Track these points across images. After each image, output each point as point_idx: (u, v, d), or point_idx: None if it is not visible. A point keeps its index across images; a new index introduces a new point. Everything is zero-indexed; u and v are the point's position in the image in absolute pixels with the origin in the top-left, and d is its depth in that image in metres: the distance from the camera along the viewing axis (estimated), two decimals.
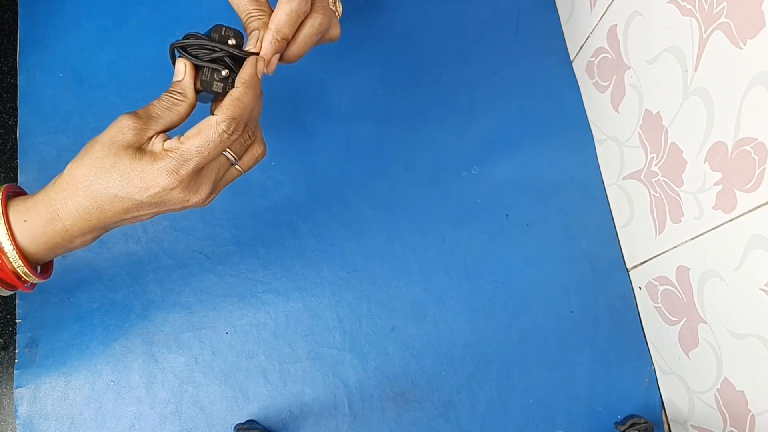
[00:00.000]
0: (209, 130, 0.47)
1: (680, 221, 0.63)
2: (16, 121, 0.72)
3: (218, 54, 0.50)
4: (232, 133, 0.47)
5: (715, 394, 0.62)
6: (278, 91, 0.75)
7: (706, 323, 0.61)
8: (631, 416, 0.68)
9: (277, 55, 0.52)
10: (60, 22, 0.75)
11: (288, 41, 0.52)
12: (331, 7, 0.54)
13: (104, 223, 0.49)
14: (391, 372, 0.69)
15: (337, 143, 0.75)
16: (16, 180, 0.70)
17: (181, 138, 0.47)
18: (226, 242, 0.71)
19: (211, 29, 0.51)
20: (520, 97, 0.79)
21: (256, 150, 0.52)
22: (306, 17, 0.52)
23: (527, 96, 0.79)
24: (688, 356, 0.65)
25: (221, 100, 0.49)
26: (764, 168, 0.50)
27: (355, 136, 0.76)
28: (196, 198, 0.49)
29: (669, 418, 0.71)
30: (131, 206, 0.47)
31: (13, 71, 0.74)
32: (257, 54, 0.50)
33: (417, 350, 0.70)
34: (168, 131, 0.49)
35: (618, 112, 0.72)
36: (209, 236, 0.71)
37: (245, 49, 0.50)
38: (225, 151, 0.49)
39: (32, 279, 0.50)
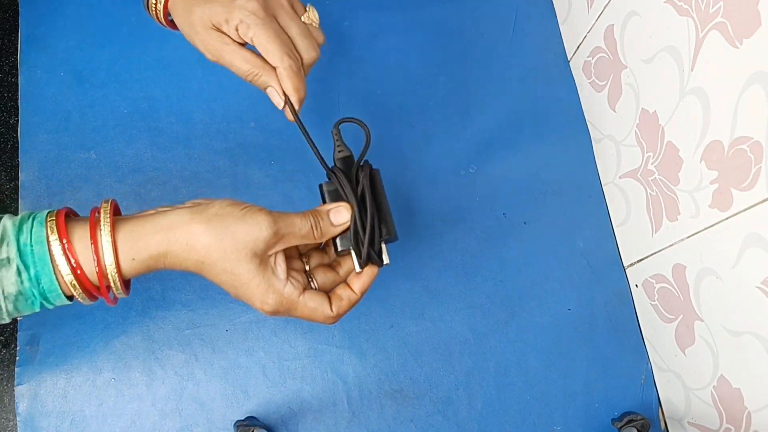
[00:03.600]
0: (319, 315, 0.51)
1: (677, 220, 0.63)
2: (18, 120, 0.73)
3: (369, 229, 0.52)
4: (329, 323, 0.52)
5: (712, 392, 0.62)
6: None
7: (702, 321, 0.62)
8: (628, 413, 0.68)
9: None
10: (61, 21, 0.75)
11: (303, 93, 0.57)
12: (305, 21, 0.56)
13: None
14: (389, 369, 0.69)
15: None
16: (17, 179, 0.71)
17: (301, 299, 0.49)
18: None
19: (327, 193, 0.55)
20: (517, 97, 0.79)
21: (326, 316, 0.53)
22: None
23: (525, 95, 0.80)
24: (684, 353, 0.66)
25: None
26: (760, 167, 0.50)
27: (354, 136, 0.76)
28: (268, 311, 0.50)
29: (666, 415, 0.71)
30: (222, 284, 0.48)
31: (14, 70, 0.74)
32: (381, 264, 0.55)
33: (415, 348, 0.70)
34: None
35: (615, 111, 0.72)
36: None
37: (310, 141, 0.57)
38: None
39: (121, 295, 0.49)
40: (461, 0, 0.82)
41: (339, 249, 0.53)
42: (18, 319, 0.67)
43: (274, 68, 0.54)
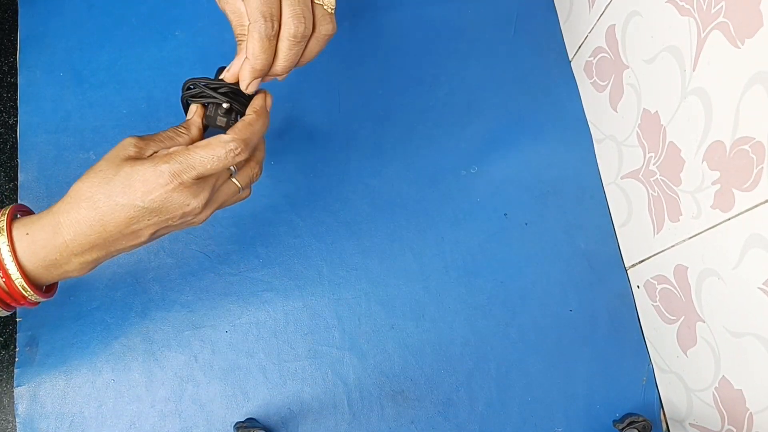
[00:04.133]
0: (218, 146, 0.48)
1: (678, 220, 0.63)
2: (17, 121, 0.72)
3: (222, 90, 0.52)
4: (239, 153, 0.49)
5: (713, 393, 0.62)
6: (278, 90, 0.75)
7: (704, 322, 0.62)
8: (630, 414, 0.68)
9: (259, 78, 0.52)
10: (60, 21, 0.75)
11: (268, 69, 0.51)
12: (318, 2, 0.51)
13: (104, 238, 0.49)
14: (390, 370, 0.69)
15: (337, 142, 0.75)
16: (16, 179, 0.70)
17: (189, 147, 0.49)
18: (225, 241, 0.71)
19: (216, 71, 0.53)
20: (518, 97, 0.79)
21: (253, 169, 0.54)
22: (313, 29, 0.51)
23: (526, 95, 0.80)
24: (686, 355, 0.66)
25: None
26: (762, 167, 0.50)
27: (354, 136, 0.76)
28: (195, 202, 0.49)
29: (667, 416, 0.71)
30: (132, 215, 0.48)
31: (13, 70, 0.74)
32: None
33: (416, 349, 0.70)
34: None
35: (616, 111, 0.72)
36: (209, 235, 0.71)
37: (227, 72, 0.52)
38: (232, 175, 0.51)
39: (31, 295, 0.50)
40: (462, 0, 0.82)
41: (217, 123, 0.53)
42: (17, 320, 0.67)
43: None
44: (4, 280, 0.48)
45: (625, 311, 0.73)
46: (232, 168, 0.52)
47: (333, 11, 0.53)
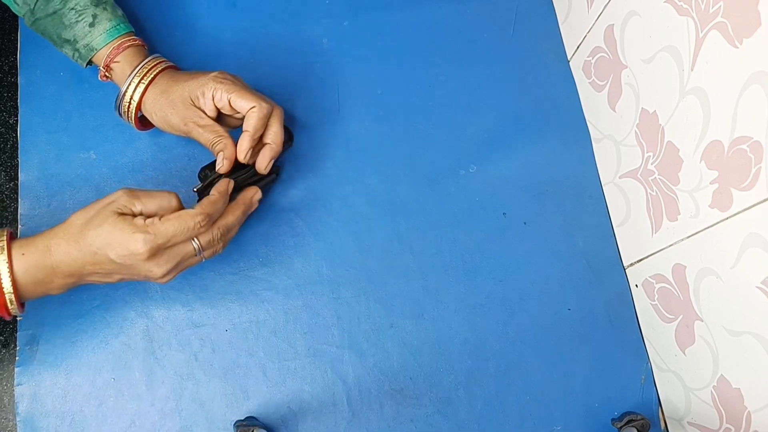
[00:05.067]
0: (186, 218, 0.56)
1: (676, 219, 0.63)
2: (17, 120, 0.73)
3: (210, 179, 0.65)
4: (203, 225, 0.57)
5: (712, 392, 0.62)
6: (278, 90, 0.75)
7: (702, 321, 0.62)
8: (628, 413, 0.68)
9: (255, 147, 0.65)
10: None
11: (259, 138, 0.65)
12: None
13: (81, 272, 0.56)
14: (389, 369, 0.69)
15: (336, 142, 0.76)
16: (17, 178, 0.71)
17: (162, 218, 0.56)
18: None
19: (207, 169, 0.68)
20: (517, 96, 0.80)
21: (213, 233, 0.60)
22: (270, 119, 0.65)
23: (525, 95, 0.80)
24: (684, 353, 0.66)
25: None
26: (760, 167, 0.51)
27: (353, 135, 0.76)
28: (157, 271, 0.56)
29: (665, 415, 0.71)
30: (104, 263, 0.55)
31: (14, 70, 0.74)
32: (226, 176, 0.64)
33: (415, 347, 0.70)
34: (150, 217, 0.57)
35: (615, 111, 0.72)
36: None
37: (217, 170, 0.64)
38: (193, 240, 0.57)
39: (14, 309, 0.56)
40: (461, 0, 0.82)
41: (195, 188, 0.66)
42: (18, 319, 0.67)
43: (230, 137, 0.64)
44: None
45: (623, 310, 0.73)
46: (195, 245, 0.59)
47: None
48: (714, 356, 0.61)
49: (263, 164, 0.66)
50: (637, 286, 0.73)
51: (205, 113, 0.64)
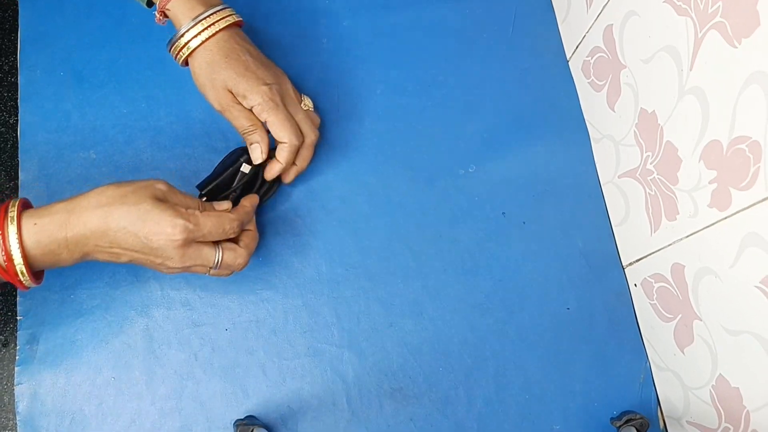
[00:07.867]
0: (225, 219, 0.58)
1: (675, 219, 0.63)
2: (17, 120, 0.73)
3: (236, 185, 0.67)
4: (234, 231, 0.60)
5: (710, 391, 0.63)
6: None
7: (701, 320, 0.62)
8: (627, 412, 0.68)
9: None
10: (60, 21, 0.75)
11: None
12: (303, 107, 0.69)
13: (94, 248, 0.55)
14: (388, 368, 0.69)
15: (336, 142, 0.76)
16: (17, 178, 0.71)
17: (203, 212, 0.57)
18: None
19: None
20: (516, 96, 0.80)
21: (225, 271, 0.61)
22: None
23: (524, 95, 0.80)
24: (683, 353, 0.66)
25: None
26: (759, 166, 0.51)
27: (353, 135, 0.76)
28: (177, 262, 0.56)
29: (664, 414, 0.71)
30: (129, 242, 0.55)
31: (13, 70, 0.74)
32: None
33: (414, 347, 0.70)
34: None
35: (614, 111, 0.73)
36: None
37: (254, 162, 0.66)
38: (218, 250, 0.59)
39: (26, 280, 0.54)
40: (461, 0, 0.82)
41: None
42: (18, 318, 0.67)
43: (263, 128, 0.65)
44: (6, 264, 0.53)
45: (622, 309, 0.74)
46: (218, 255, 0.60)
47: (313, 108, 0.71)
48: (713, 355, 0.61)
49: (288, 179, 0.69)
50: (636, 285, 0.73)
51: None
